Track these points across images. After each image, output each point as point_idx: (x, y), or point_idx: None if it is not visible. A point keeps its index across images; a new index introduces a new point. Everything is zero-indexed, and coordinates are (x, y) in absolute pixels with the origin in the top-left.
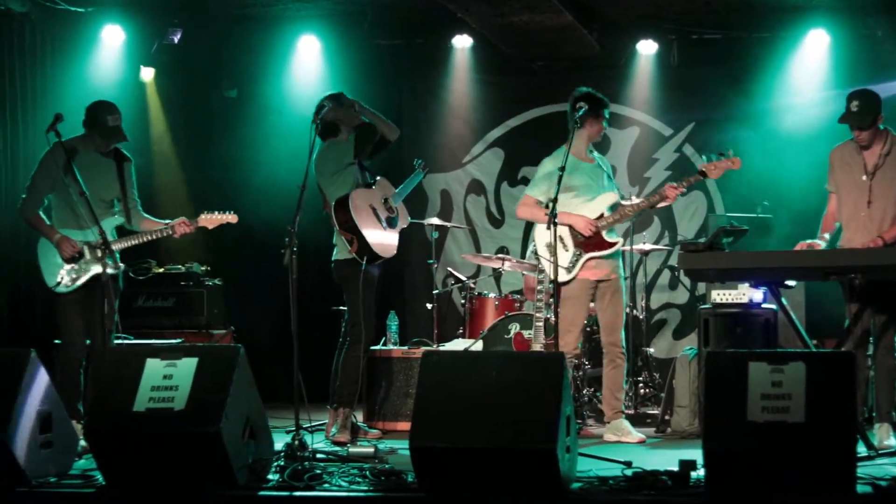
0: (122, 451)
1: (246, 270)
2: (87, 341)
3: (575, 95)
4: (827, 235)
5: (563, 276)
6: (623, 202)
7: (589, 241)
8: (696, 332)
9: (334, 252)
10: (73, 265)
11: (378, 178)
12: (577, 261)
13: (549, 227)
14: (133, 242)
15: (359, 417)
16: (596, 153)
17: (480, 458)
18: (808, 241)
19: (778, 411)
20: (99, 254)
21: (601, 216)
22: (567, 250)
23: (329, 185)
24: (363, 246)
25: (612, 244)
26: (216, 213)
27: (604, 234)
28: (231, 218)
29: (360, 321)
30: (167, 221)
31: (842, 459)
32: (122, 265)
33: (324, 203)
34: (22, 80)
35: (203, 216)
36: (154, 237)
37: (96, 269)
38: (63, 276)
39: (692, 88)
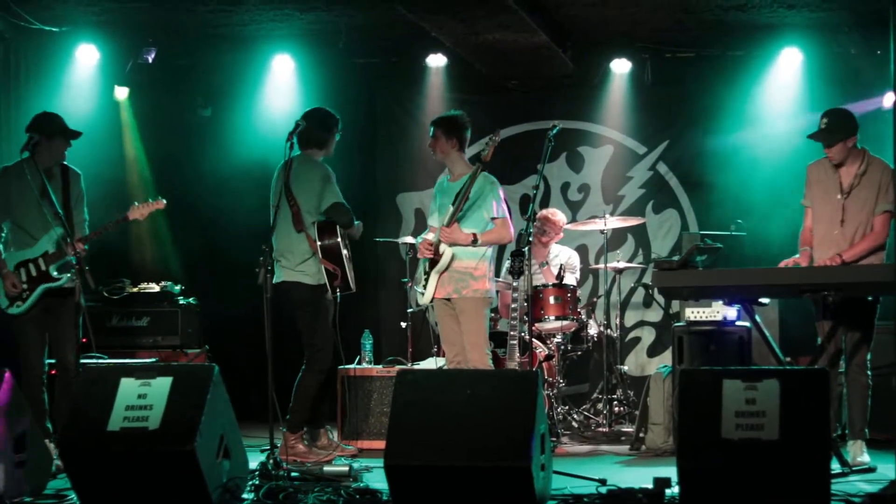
0: (96, 471)
1: (221, 289)
2: (48, 360)
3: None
4: (808, 249)
5: (425, 299)
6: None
7: (433, 261)
8: (671, 350)
9: (293, 274)
10: (24, 284)
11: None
12: (428, 280)
13: (523, 245)
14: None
15: (335, 435)
16: (478, 178)
17: (455, 476)
18: (793, 258)
19: (752, 429)
20: (44, 267)
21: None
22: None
23: (307, 199)
24: (344, 280)
25: (439, 257)
26: (147, 202)
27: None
28: (159, 204)
29: (316, 344)
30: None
31: (816, 476)
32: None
33: (295, 221)
34: None
35: (133, 208)
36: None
37: (47, 284)
38: (14, 297)
39: (666, 107)
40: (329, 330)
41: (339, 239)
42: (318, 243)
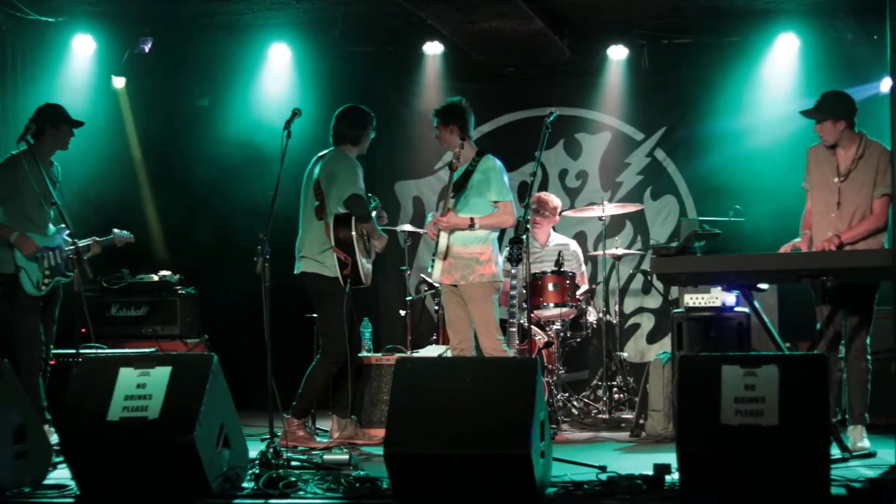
0: (96, 461)
1: (220, 279)
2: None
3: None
4: (808, 232)
5: (433, 277)
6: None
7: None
8: (670, 336)
9: (313, 264)
10: (46, 270)
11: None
12: (433, 264)
13: (521, 232)
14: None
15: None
16: (481, 161)
17: (454, 464)
18: (792, 242)
19: (751, 414)
20: (62, 260)
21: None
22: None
23: (332, 191)
24: (354, 271)
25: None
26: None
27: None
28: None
29: (332, 335)
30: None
31: (815, 462)
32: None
33: (318, 211)
34: None
35: (94, 243)
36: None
37: (61, 278)
38: (39, 282)
39: (663, 93)
40: (342, 322)
41: (354, 231)
42: (332, 232)
